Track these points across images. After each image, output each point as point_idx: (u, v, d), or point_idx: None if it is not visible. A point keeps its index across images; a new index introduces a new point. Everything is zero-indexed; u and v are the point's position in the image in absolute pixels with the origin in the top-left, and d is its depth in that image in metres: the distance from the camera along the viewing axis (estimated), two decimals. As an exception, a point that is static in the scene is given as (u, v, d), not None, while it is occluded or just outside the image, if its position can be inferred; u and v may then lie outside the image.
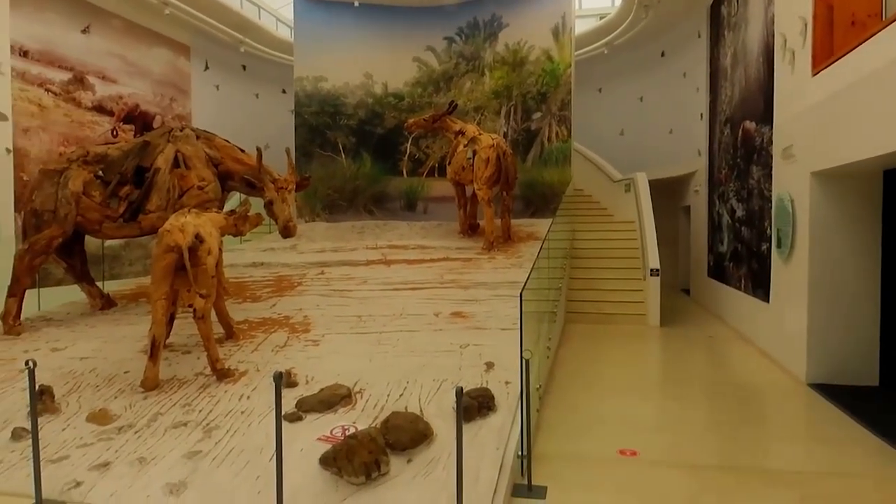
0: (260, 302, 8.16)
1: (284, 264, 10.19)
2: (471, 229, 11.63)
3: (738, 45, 10.44)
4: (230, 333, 6.72)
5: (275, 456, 3.60)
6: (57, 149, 11.55)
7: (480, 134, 10.93)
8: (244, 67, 17.33)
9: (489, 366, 5.63)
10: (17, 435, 4.76)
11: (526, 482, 4.20)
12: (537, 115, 13.53)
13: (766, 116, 8.69)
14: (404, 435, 4.21)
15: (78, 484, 4.12)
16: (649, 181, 12.64)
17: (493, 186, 10.54)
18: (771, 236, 8.27)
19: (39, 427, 4.20)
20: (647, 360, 8.86)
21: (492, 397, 4.80)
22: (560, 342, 9.13)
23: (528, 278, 5.12)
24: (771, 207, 8.28)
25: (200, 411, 5.04)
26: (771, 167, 8.37)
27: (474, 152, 10.53)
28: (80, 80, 12.38)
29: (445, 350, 6.10)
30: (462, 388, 3.50)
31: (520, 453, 4.34)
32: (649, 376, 7.98)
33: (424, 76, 14.03)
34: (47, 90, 11.71)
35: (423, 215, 13.66)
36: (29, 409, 4.50)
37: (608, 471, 4.61)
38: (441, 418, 4.62)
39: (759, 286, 8.93)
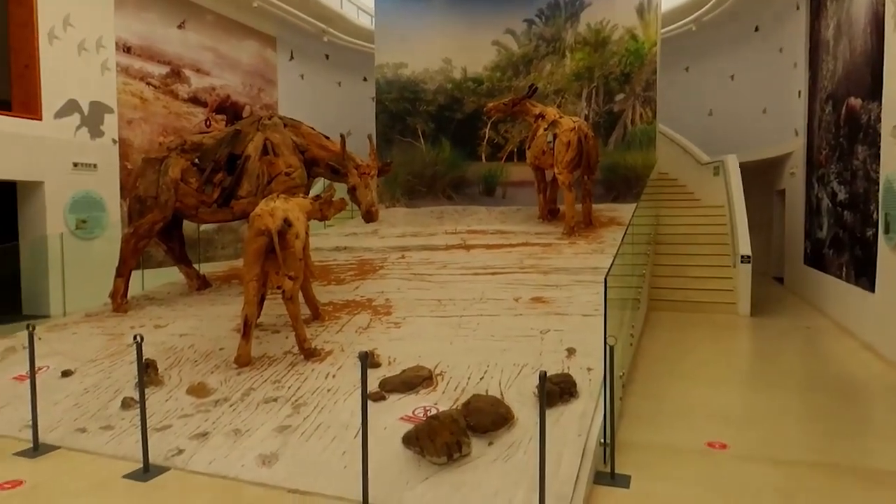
0: (344, 285, 8.40)
1: (367, 248, 10.42)
2: (550, 214, 11.47)
3: (843, 16, 9.70)
4: (316, 314, 6.95)
5: (360, 433, 3.72)
6: (157, 139, 12.28)
7: (561, 117, 10.72)
8: (327, 57, 17.77)
9: (570, 352, 5.56)
10: (126, 404, 5.16)
11: (609, 470, 4.13)
12: (620, 96, 13.12)
13: (873, 92, 8.05)
14: (485, 418, 4.23)
15: (180, 451, 4.42)
16: (740, 164, 12.04)
17: (574, 170, 10.33)
18: (878, 221, 7.69)
19: (146, 397, 4.52)
20: (737, 350, 8.48)
21: (574, 383, 4.74)
22: (643, 330, 8.90)
23: (612, 263, 5.00)
24: (878, 190, 7.69)
25: (289, 388, 5.26)
26: (878, 146, 7.75)
27: (555, 136, 10.35)
28: (177, 74, 13.08)
29: (526, 335, 6.07)
30: (545, 373, 3.48)
31: (602, 441, 4.27)
32: (739, 367, 7.64)
33: (504, 60, 13.89)
34: (148, 83, 12.45)
35: (502, 200, 13.59)
36: (137, 380, 4.85)
37: (695, 463, 4.46)
38: (521, 403, 4.61)
39: (863, 274, 8.34)
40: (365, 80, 17.97)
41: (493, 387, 4.93)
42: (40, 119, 10.53)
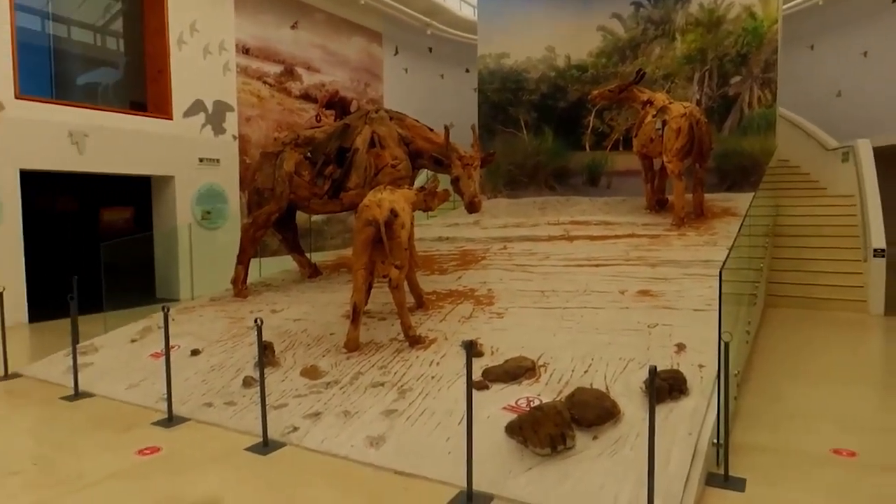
0: (446, 274, 8.53)
1: (468, 239, 10.51)
2: (658, 205, 11.04)
3: None
4: (420, 303, 7.10)
5: (463, 420, 3.77)
6: (272, 134, 12.99)
7: (671, 103, 10.26)
8: (430, 50, 18.02)
9: (680, 347, 5.34)
10: (247, 383, 5.53)
11: (722, 472, 3.94)
12: (736, 79, 12.37)
13: None
14: (590, 411, 4.16)
15: (295, 429, 4.69)
16: (874, 149, 11.02)
17: (685, 158, 9.86)
18: None
19: (264, 377, 4.82)
20: (868, 351, 7.81)
21: (684, 380, 4.55)
22: (760, 328, 8.39)
23: (727, 256, 4.75)
24: None
25: (395, 373, 5.43)
26: None
27: (664, 122, 9.92)
28: (290, 72, 13.76)
29: (632, 329, 5.90)
30: (655, 367, 3.37)
31: (715, 441, 4.09)
32: (870, 369, 7.03)
33: (609, 45, 13.47)
34: (264, 82, 13.18)
35: (607, 190, 13.23)
36: (257, 360, 5.19)
37: (819, 470, 4.16)
38: (627, 397, 4.49)
39: None
40: (467, 71, 18.06)
41: (598, 380, 4.84)
42: (171, 118, 11.44)
